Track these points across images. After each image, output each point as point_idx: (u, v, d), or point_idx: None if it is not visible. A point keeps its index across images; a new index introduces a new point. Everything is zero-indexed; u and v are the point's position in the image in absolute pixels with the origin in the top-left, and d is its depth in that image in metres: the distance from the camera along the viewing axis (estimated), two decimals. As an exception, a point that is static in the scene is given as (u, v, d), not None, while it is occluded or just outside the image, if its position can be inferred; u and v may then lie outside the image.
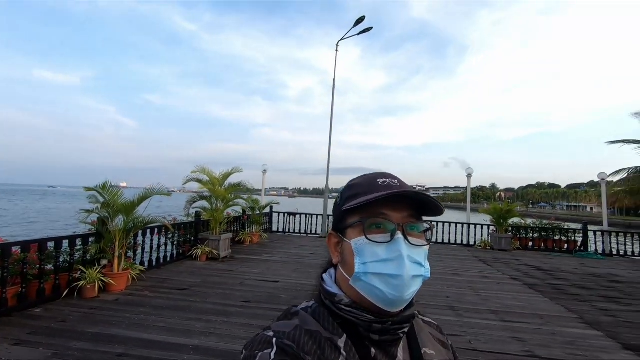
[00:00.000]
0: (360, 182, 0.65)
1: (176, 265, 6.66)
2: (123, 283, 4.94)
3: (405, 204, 0.60)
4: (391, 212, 0.59)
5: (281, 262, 7.50)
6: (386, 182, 0.63)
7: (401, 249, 0.57)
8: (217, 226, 7.59)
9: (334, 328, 0.59)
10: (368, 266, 0.57)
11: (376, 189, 0.60)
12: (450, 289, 5.78)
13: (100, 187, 4.87)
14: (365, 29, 12.03)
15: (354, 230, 0.60)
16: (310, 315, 0.61)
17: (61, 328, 3.60)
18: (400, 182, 0.64)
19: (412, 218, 0.61)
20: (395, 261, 0.56)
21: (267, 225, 12.19)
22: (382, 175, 0.65)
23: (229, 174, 7.93)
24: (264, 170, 13.03)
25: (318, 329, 0.58)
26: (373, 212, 0.59)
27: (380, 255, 0.57)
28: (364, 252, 0.58)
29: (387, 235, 0.58)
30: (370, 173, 0.68)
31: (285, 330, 0.57)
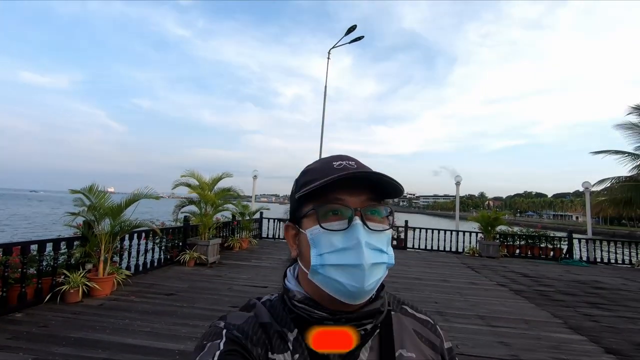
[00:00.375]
0: (315, 166, 0.61)
1: (164, 271, 6.56)
2: (108, 288, 4.85)
3: (364, 187, 0.56)
4: (348, 196, 0.55)
5: (270, 268, 7.45)
6: (342, 165, 0.58)
7: (359, 236, 0.52)
8: (205, 231, 7.52)
9: (286, 322, 0.57)
10: (324, 257, 0.53)
11: (331, 173, 0.55)
12: (439, 295, 5.82)
13: (87, 190, 4.80)
14: (357, 38, 12.22)
15: (309, 220, 0.56)
16: (268, 308, 0.60)
17: (43, 333, 3.52)
18: (358, 164, 0.60)
19: (372, 201, 0.57)
20: (354, 249, 0.52)
21: (257, 231, 12.11)
22: (338, 158, 0.61)
23: (218, 178, 7.89)
24: (255, 176, 13.00)
25: (271, 321, 0.57)
26: (328, 198, 0.55)
27: (337, 245, 0.53)
28: (320, 242, 0.54)
29: (344, 222, 0.54)
30: (327, 157, 0.63)
31: (237, 322, 0.56)
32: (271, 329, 0.56)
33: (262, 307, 0.60)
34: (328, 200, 0.55)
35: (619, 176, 13.78)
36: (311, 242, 0.55)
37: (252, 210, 10.67)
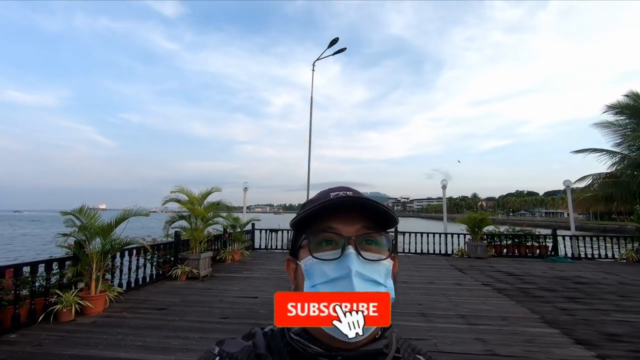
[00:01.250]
0: (314, 198, 0.60)
1: (156, 286, 6.68)
2: (101, 305, 4.97)
3: (359, 216, 0.55)
4: (342, 225, 0.54)
5: (262, 279, 7.60)
6: (338, 195, 0.56)
7: (350, 265, 0.50)
8: (196, 245, 7.66)
9: (282, 355, 0.54)
10: (318, 288, 0.51)
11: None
12: (424, 297, 6.03)
13: (77, 211, 4.96)
14: (340, 50, 12.59)
15: (304, 250, 0.55)
16: (268, 339, 0.57)
17: (37, 352, 3.64)
18: (356, 193, 0.58)
19: (368, 230, 0.55)
20: (346, 279, 0.50)
21: (249, 242, 12.23)
22: (337, 189, 0.59)
23: (207, 193, 8.06)
24: (245, 187, 13.17)
25: (266, 352, 0.54)
26: (320, 227, 0.54)
27: (329, 275, 0.51)
28: (313, 273, 0.52)
29: (336, 252, 0.52)
30: (327, 188, 0.62)
31: (232, 350, 0.55)
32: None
33: (262, 337, 0.57)
34: (320, 229, 0.54)
35: (599, 173, 14.22)
36: (305, 273, 0.53)
37: (243, 222, 10.81)
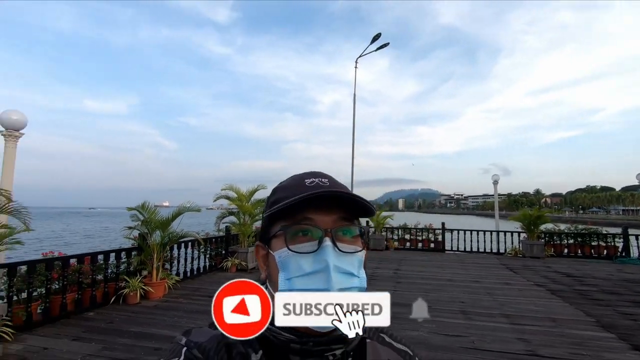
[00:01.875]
0: (287, 184, 0.58)
1: (208, 276, 7.26)
2: (161, 291, 5.56)
3: (335, 206, 0.54)
4: (318, 215, 0.53)
5: (305, 272, 7.89)
6: (314, 182, 0.56)
7: (328, 259, 0.50)
8: (245, 239, 8.16)
9: (253, 343, 0.53)
10: (292, 282, 0.50)
11: (302, 191, 0.53)
12: (467, 295, 5.88)
13: (140, 207, 5.60)
14: (383, 45, 12.47)
15: (278, 241, 0.54)
16: None
17: (109, 327, 4.23)
18: (332, 181, 0.57)
19: (344, 221, 0.54)
20: (322, 273, 0.50)
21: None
22: (310, 175, 0.58)
23: (254, 190, 8.53)
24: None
25: (237, 341, 0.53)
26: (297, 218, 0.53)
27: (305, 269, 0.50)
28: (288, 266, 0.51)
29: (313, 244, 0.51)
30: (300, 173, 0.61)
31: (199, 340, 0.53)
32: (234, 350, 0.53)
33: None
34: (297, 220, 0.52)
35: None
36: (279, 265, 0.52)
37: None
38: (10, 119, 4.15)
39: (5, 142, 4.16)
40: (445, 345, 3.77)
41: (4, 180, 4.05)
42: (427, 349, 3.67)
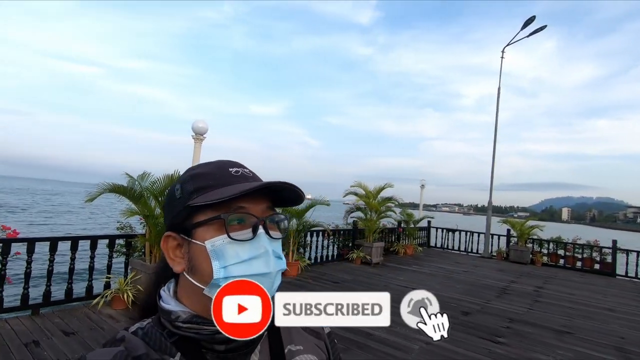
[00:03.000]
0: (207, 171, 0.58)
1: (335, 264, 7.96)
2: (294, 271, 6.49)
3: (264, 196, 0.57)
4: (251, 205, 0.54)
5: (429, 274, 7.75)
6: (239, 172, 0.58)
7: (265, 245, 0.53)
8: (370, 234, 8.56)
9: (166, 348, 0.52)
10: (230, 269, 0.51)
11: (230, 180, 0.56)
12: (631, 331, 4.76)
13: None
14: (537, 29, 10.80)
15: (208, 229, 0.53)
16: (141, 337, 0.54)
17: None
18: (253, 173, 0.60)
19: (271, 210, 0.57)
20: (262, 258, 0.52)
21: (424, 239, 12.38)
22: (230, 164, 0.59)
23: (381, 188, 8.82)
24: (422, 185, 13.31)
25: (147, 351, 0.51)
26: (231, 207, 0.53)
27: (242, 256, 0.52)
28: (224, 254, 0.51)
29: (248, 232, 0.53)
30: (214, 161, 0.61)
31: (102, 359, 0.49)
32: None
33: (134, 338, 0.53)
34: (232, 209, 0.53)
35: None
36: (212, 254, 0.52)
37: (417, 218, 11.06)
38: (198, 126, 5.61)
39: (194, 143, 5.65)
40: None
41: (192, 172, 5.52)
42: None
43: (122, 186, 4.27)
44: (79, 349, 3.12)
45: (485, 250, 11.38)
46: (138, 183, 4.51)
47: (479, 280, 7.41)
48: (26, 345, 3.11)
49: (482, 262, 10.30)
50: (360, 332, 3.91)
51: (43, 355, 2.96)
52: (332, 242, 8.32)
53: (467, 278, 7.63)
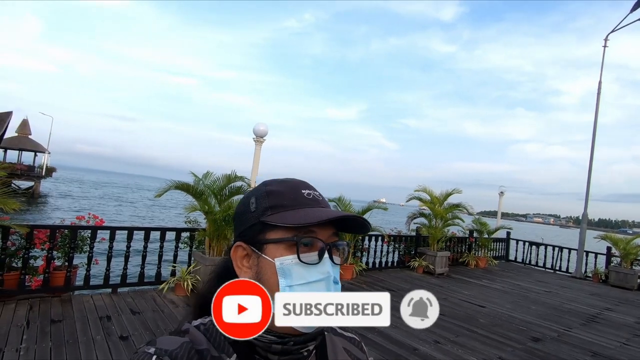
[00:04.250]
0: (282, 190, 0.60)
1: (395, 271, 7.65)
2: (349, 274, 6.41)
3: (331, 222, 0.58)
4: (320, 229, 0.56)
5: (501, 291, 6.98)
6: (311, 195, 0.60)
7: (329, 270, 0.55)
8: (434, 243, 8.04)
9: (225, 347, 0.55)
10: (295, 289, 0.53)
11: (304, 202, 0.58)
12: None
13: (337, 199, 6.63)
14: (653, 10, 9.01)
15: (279, 247, 0.55)
16: (202, 333, 0.56)
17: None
18: (321, 196, 0.62)
19: (336, 237, 0.59)
20: (324, 282, 0.55)
21: (501, 252, 11.21)
22: (303, 186, 0.62)
23: (449, 194, 8.23)
24: (501, 192, 12.09)
25: (208, 347, 0.54)
26: (302, 230, 0.55)
27: (308, 278, 0.54)
28: (291, 274, 0.54)
29: (315, 255, 0.55)
30: (285, 179, 0.63)
31: (169, 347, 0.52)
32: (207, 356, 0.54)
33: (197, 332, 0.56)
34: (303, 232, 0.55)
35: None
36: (280, 271, 0.54)
37: (492, 228, 10.06)
38: (259, 129, 5.91)
39: (255, 145, 5.96)
40: None
41: (252, 172, 5.83)
42: None
43: (186, 184, 4.70)
44: (140, 327, 3.52)
45: (578, 270, 9.85)
46: (202, 182, 4.93)
47: (563, 304, 6.43)
48: (100, 319, 3.61)
49: (572, 282, 8.94)
50: (405, 346, 3.70)
51: (111, 329, 3.41)
52: (393, 248, 8.03)
53: (548, 300, 6.68)
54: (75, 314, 3.66)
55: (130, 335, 3.32)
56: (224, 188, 4.83)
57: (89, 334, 3.27)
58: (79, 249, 4.28)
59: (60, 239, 4.19)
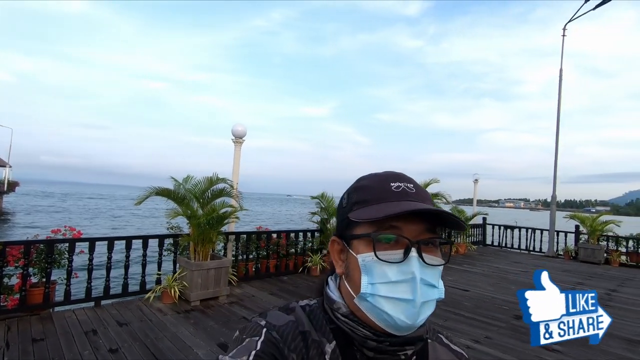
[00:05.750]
0: (370, 184, 0.58)
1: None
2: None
3: (422, 216, 0.53)
4: (405, 225, 0.52)
5: (481, 274, 7.26)
6: (400, 188, 0.56)
7: (414, 270, 0.50)
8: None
9: (326, 332, 0.56)
10: (376, 287, 0.51)
11: (389, 196, 0.55)
12: None
13: (320, 196, 6.67)
14: (603, 1, 9.57)
15: (361, 243, 0.54)
16: (307, 315, 0.58)
17: (295, 290, 5.36)
18: (417, 188, 0.57)
19: (429, 233, 0.54)
20: (407, 283, 0.51)
21: (478, 237, 11.63)
22: (395, 178, 0.58)
23: (427, 184, 8.45)
24: (475, 179, 12.52)
25: (310, 329, 0.55)
26: (384, 225, 0.52)
27: (390, 277, 0.51)
28: (372, 271, 0.52)
29: (399, 253, 0.52)
30: (380, 173, 0.60)
31: (277, 323, 0.55)
32: (309, 338, 0.55)
33: (302, 313, 0.58)
34: (384, 227, 0.52)
35: None
36: (362, 267, 0.53)
37: (469, 215, 10.42)
38: (237, 130, 5.84)
39: (234, 146, 5.89)
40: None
41: (233, 173, 5.76)
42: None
43: (167, 189, 4.59)
44: (129, 338, 3.42)
45: (550, 249, 10.38)
46: (182, 186, 4.83)
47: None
48: (86, 333, 3.48)
49: (546, 261, 9.40)
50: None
51: (98, 343, 3.29)
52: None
53: (525, 279, 7.01)
54: (57, 330, 3.51)
55: (120, 347, 3.22)
56: (206, 191, 4.75)
57: (75, 349, 3.15)
58: (57, 264, 4.09)
59: (36, 255, 3.99)
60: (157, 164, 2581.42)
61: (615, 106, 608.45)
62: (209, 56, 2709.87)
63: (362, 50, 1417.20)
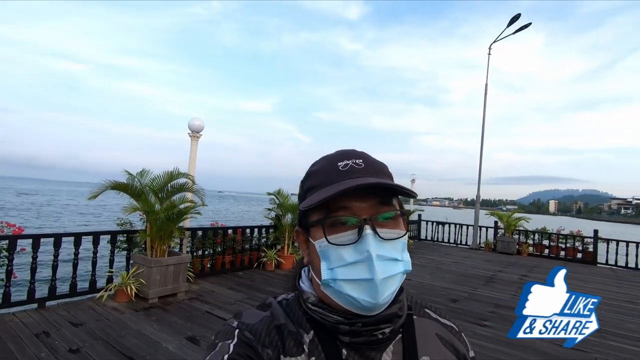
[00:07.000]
0: (319, 169, 0.57)
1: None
2: (290, 263, 6.68)
3: (372, 191, 0.51)
4: (355, 202, 0.51)
5: (420, 266, 8.02)
6: (348, 165, 0.54)
7: (369, 248, 0.49)
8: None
9: (302, 323, 0.55)
10: (335, 272, 0.50)
11: (336, 177, 0.53)
12: (610, 314, 5.09)
13: (277, 192, 6.81)
14: (523, 26, 11.10)
15: (316, 230, 0.53)
16: (284, 308, 0.58)
17: (252, 285, 5.46)
18: (367, 161, 0.56)
19: (383, 206, 0.52)
20: (364, 262, 0.49)
21: (414, 232, 12.68)
22: (343, 156, 0.56)
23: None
24: (412, 180, 13.60)
25: (286, 321, 0.55)
26: (332, 207, 0.51)
27: (347, 259, 0.50)
28: (329, 256, 0.51)
29: (353, 232, 0.50)
30: (330, 154, 0.59)
31: (250, 321, 0.55)
32: (285, 330, 0.54)
33: (278, 307, 0.58)
34: (332, 210, 0.51)
35: None
36: (320, 254, 0.52)
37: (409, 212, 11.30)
38: (194, 124, 5.73)
39: (190, 141, 5.77)
40: (557, 355, 3.54)
41: (190, 169, 5.64)
42: (535, 355, 3.54)
43: (123, 183, 4.39)
44: (89, 337, 3.27)
45: (474, 242, 11.73)
46: (138, 180, 4.64)
47: (468, 271, 7.71)
48: (37, 336, 3.25)
49: (471, 253, 10.63)
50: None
51: (55, 345, 3.11)
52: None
53: (456, 269, 7.92)
54: (2, 334, 3.23)
55: (80, 347, 3.08)
56: (166, 186, 4.63)
57: (30, 352, 2.95)
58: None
59: (-33, 254, 3.58)
60: (80, 155, 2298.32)
61: (523, 117, 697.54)
62: (142, 39, 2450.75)
63: (303, 48, 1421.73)
